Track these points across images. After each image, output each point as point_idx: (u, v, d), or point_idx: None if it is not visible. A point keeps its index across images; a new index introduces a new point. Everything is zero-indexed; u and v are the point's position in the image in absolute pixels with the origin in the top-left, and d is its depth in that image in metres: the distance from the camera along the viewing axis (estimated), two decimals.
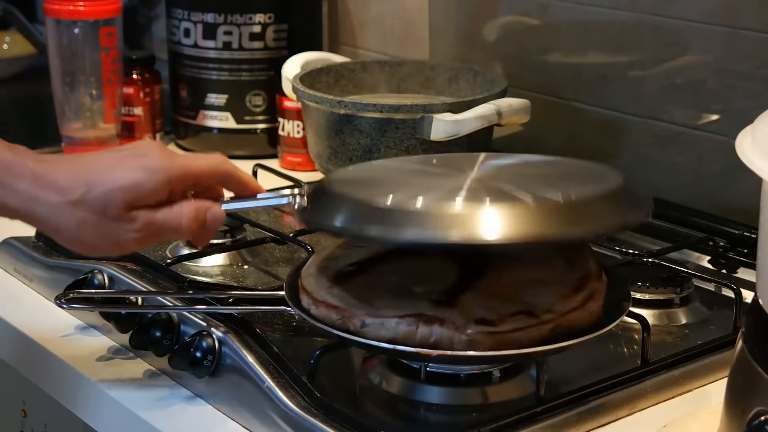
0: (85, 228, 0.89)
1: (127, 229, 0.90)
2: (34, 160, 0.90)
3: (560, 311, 0.87)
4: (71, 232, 0.90)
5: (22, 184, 0.89)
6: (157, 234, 0.92)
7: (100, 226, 0.90)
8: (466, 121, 1.22)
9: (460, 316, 0.86)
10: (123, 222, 0.90)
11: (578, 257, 0.94)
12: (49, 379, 1.06)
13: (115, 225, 0.90)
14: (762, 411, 0.76)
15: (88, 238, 0.90)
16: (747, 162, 0.74)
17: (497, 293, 0.88)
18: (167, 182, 0.91)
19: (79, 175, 0.90)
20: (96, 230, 0.90)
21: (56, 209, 0.89)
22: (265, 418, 0.89)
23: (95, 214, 0.89)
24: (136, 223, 0.90)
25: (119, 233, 0.90)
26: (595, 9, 1.36)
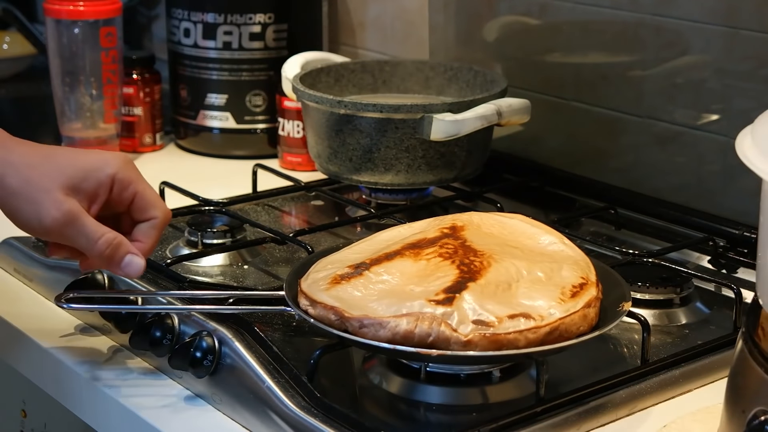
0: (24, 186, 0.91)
1: (52, 207, 0.91)
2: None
3: (557, 315, 0.87)
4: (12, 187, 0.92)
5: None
6: (73, 233, 0.93)
7: (31, 192, 0.91)
8: (466, 121, 1.22)
9: (458, 317, 0.86)
10: (54, 196, 0.91)
11: (578, 264, 0.95)
12: (49, 379, 1.06)
13: (47, 196, 0.91)
14: (762, 411, 0.76)
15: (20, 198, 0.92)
16: (747, 162, 0.74)
17: (495, 295, 0.88)
18: (111, 178, 0.94)
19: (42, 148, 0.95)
20: (27, 191, 0.91)
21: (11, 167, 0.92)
22: (265, 418, 0.89)
23: (38, 174, 0.91)
24: (63, 206, 0.91)
25: (43, 207, 0.91)
26: (595, 9, 1.36)
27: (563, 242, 0.99)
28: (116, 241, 0.94)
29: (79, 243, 0.94)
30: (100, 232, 0.93)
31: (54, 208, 0.92)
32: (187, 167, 1.57)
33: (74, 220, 0.92)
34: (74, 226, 0.92)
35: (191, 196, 1.30)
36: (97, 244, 0.93)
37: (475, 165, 1.31)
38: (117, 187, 0.95)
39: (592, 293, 0.91)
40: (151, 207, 0.97)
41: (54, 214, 0.91)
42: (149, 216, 0.97)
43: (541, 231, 1.00)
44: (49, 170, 0.93)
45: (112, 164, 0.95)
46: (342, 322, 0.88)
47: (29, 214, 0.92)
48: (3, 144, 0.94)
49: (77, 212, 0.92)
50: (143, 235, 0.97)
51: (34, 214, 0.92)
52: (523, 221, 1.02)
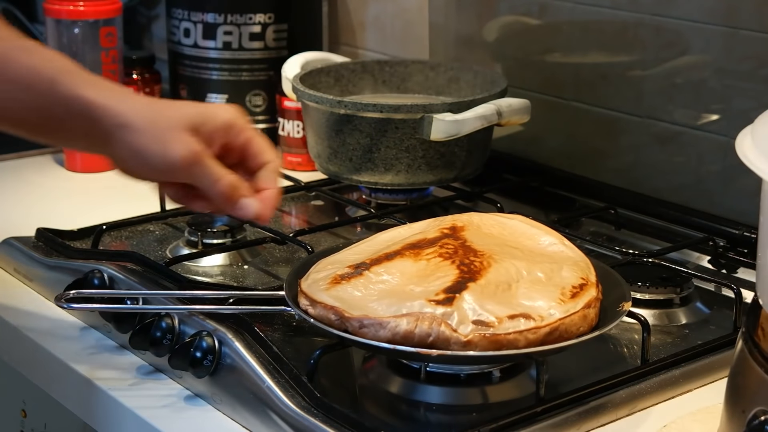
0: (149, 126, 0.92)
1: (180, 145, 0.92)
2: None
3: (557, 316, 0.87)
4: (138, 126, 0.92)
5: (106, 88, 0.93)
6: (197, 172, 0.94)
7: (158, 131, 0.92)
8: (466, 121, 1.22)
9: (458, 317, 0.86)
10: (181, 135, 0.92)
11: (578, 264, 0.95)
12: (49, 379, 1.06)
13: (174, 135, 0.92)
14: (762, 411, 0.76)
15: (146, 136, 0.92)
16: (747, 162, 0.74)
17: (495, 295, 0.88)
18: (227, 123, 0.95)
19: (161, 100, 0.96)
20: (153, 129, 0.92)
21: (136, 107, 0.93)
22: (265, 418, 0.89)
23: (162, 116, 0.93)
24: (190, 145, 0.92)
25: (171, 145, 0.92)
26: (595, 9, 1.36)
27: (563, 243, 0.99)
28: (235, 183, 0.95)
29: (202, 182, 0.95)
30: (223, 173, 0.94)
31: (182, 146, 0.92)
32: None
33: (200, 159, 0.93)
34: (199, 165, 0.93)
35: None
36: (219, 183, 0.94)
37: (475, 165, 1.31)
38: (232, 133, 0.96)
39: (592, 294, 0.91)
40: (264, 151, 0.98)
41: (182, 152, 0.92)
42: (264, 160, 0.98)
43: (541, 232, 1.00)
44: (172, 112, 0.94)
45: (228, 111, 0.97)
46: (342, 322, 0.88)
47: (155, 151, 0.92)
48: (121, 90, 0.95)
49: (202, 152, 0.93)
50: (265, 180, 0.98)
51: (160, 151, 0.92)
52: (523, 222, 1.02)
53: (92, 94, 0.92)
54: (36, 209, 1.39)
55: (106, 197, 1.43)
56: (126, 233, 1.25)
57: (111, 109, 0.92)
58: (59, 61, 0.95)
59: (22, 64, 0.93)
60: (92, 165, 1.52)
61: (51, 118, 0.94)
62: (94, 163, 1.52)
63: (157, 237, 1.24)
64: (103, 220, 1.24)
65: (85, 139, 0.95)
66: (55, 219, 1.29)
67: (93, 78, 0.95)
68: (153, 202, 1.29)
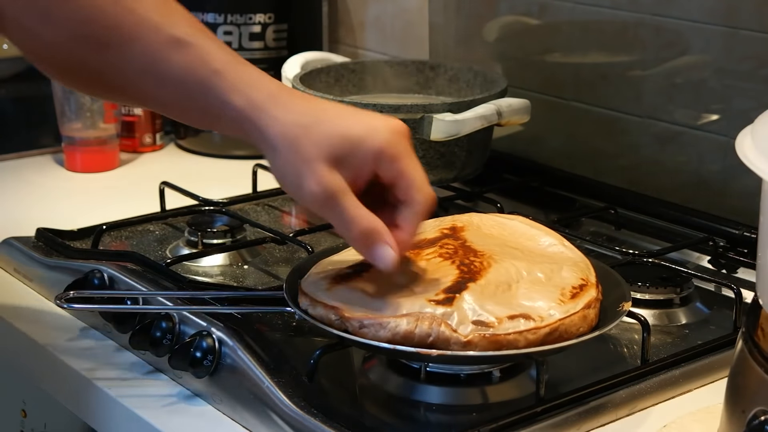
0: (289, 152, 0.85)
1: (313, 180, 0.84)
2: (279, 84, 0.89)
3: (557, 316, 0.87)
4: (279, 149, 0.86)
5: (258, 94, 0.87)
6: (329, 213, 0.86)
7: (295, 159, 0.85)
8: (466, 121, 1.22)
9: (458, 317, 0.86)
10: (317, 168, 0.84)
11: (577, 265, 0.95)
12: (49, 379, 1.06)
13: (309, 167, 0.85)
14: (762, 411, 0.76)
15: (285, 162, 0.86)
16: (747, 162, 0.74)
17: (495, 295, 0.88)
18: (378, 152, 0.86)
19: (315, 107, 0.88)
20: (291, 157, 0.85)
21: (280, 125, 0.86)
22: (265, 418, 0.89)
23: (306, 140, 0.85)
24: (324, 181, 0.84)
25: (305, 178, 0.85)
26: (595, 9, 1.36)
27: (563, 244, 0.99)
28: (371, 228, 0.86)
29: (334, 223, 0.87)
30: (358, 217, 0.85)
31: (315, 181, 0.84)
32: (187, 167, 1.57)
33: (333, 198, 0.85)
34: (332, 205, 0.85)
35: (191, 196, 1.30)
36: (352, 231, 0.86)
37: (475, 165, 1.31)
38: (383, 163, 0.86)
39: (592, 294, 0.91)
40: (413, 189, 0.87)
41: (314, 189, 0.84)
42: (410, 198, 0.88)
43: (541, 232, 1.00)
44: (316, 136, 0.85)
45: (380, 135, 0.86)
46: (342, 322, 0.88)
47: (291, 182, 0.86)
48: (273, 95, 0.88)
49: (338, 190, 0.85)
50: (404, 220, 0.88)
51: (295, 182, 0.86)
52: (523, 222, 1.02)
53: (242, 102, 0.87)
54: (36, 209, 1.39)
55: (106, 197, 1.43)
56: (126, 233, 1.25)
57: (258, 127, 0.86)
58: (215, 60, 0.88)
59: (173, 63, 0.88)
60: (92, 165, 1.52)
61: (207, 117, 0.90)
62: (94, 163, 1.52)
63: (157, 237, 1.24)
64: (103, 220, 1.24)
65: (242, 139, 0.89)
66: (55, 219, 1.29)
67: (247, 78, 0.88)
68: (153, 202, 1.29)
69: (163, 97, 0.91)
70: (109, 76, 0.91)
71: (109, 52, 0.90)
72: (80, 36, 0.90)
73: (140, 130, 1.61)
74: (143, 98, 0.94)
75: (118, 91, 0.94)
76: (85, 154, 1.52)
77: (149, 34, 0.89)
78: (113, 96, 1.01)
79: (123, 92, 0.93)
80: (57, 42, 0.91)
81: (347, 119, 0.87)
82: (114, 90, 0.94)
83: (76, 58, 0.91)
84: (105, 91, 0.97)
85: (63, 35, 0.91)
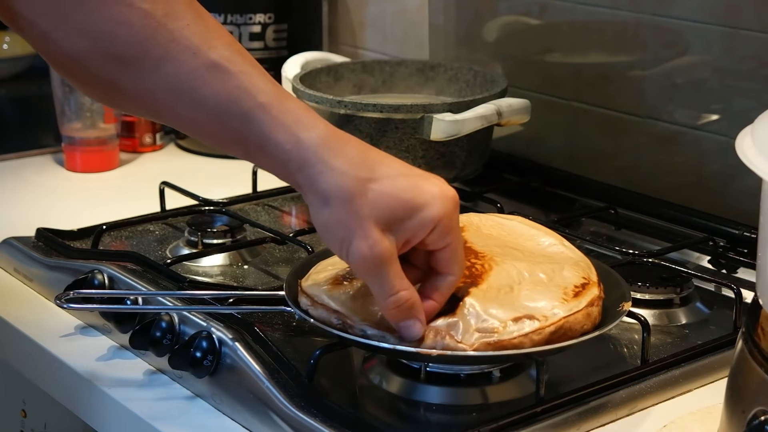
0: (342, 207, 0.80)
1: (364, 242, 0.80)
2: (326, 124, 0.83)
3: (561, 315, 0.87)
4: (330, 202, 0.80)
5: (308, 134, 0.81)
6: (371, 277, 0.82)
7: (346, 215, 0.80)
8: (466, 121, 1.22)
9: (462, 326, 0.86)
10: (370, 230, 0.80)
11: (578, 265, 0.94)
12: (49, 379, 1.06)
13: (361, 226, 0.80)
14: (762, 411, 0.76)
15: (335, 217, 0.81)
16: (747, 162, 0.74)
17: (498, 298, 0.88)
18: (434, 224, 0.81)
19: (370, 159, 0.81)
20: (343, 212, 0.80)
21: (334, 176, 0.80)
22: (265, 418, 0.89)
23: (361, 197, 0.80)
24: (377, 247, 0.80)
25: (355, 237, 0.80)
26: (595, 9, 1.36)
27: (563, 244, 0.99)
28: (408, 304, 0.83)
29: (373, 286, 0.83)
30: (397, 289, 0.82)
31: (367, 245, 0.80)
32: (187, 167, 1.57)
33: (382, 265, 0.81)
34: (378, 271, 0.81)
35: (191, 196, 1.30)
36: (389, 300, 0.82)
37: (475, 165, 1.31)
38: (433, 235, 0.82)
39: (594, 293, 0.91)
40: (455, 263, 0.84)
41: (365, 252, 0.80)
42: (449, 271, 0.85)
43: (541, 232, 1.00)
44: (373, 195, 0.80)
45: (439, 205, 0.81)
46: (344, 326, 0.88)
47: (336, 237, 0.81)
48: (325, 139, 0.81)
49: (388, 258, 0.81)
50: (437, 293, 0.85)
51: (342, 239, 0.81)
52: (522, 222, 1.02)
53: (289, 142, 0.81)
54: (36, 209, 1.39)
55: (106, 197, 1.43)
56: (126, 233, 1.25)
57: (307, 174, 0.80)
58: (259, 92, 0.81)
59: (211, 90, 0.81)
60: (92, 165, 1.52)
61: (244, 149, 0.84)
62: (94, 163, 1.52)
63: (157, 237, 1.24)
64: (103, 220, 1.24)
65: (279, 177, 0.84)
66: (55, 219, 1.29)
67: (294, 116, 0.81)
68: (153, 202, 1.29)
69: (196, 124, 0.84)
70: (136, 93, 0.84)
71: (134, 70, 0.82)
72: (103, 50, 0.82)
73: (140, 130, 1.61)
74: (170, 120, 0.87)
75: (138, 108, 0.88)
76: (85, 154, 1.52)
77: (184, 56, 0.81)
78: (142, 113, 0.92)
79: (145, 110, 0.87)
80: (76, 52, 0.83)
81: (405, 179, 0.82)
82: (132, 106, 0.87)
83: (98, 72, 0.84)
84: (134, 108, 0.88)
85: (82, 46, 0.82)
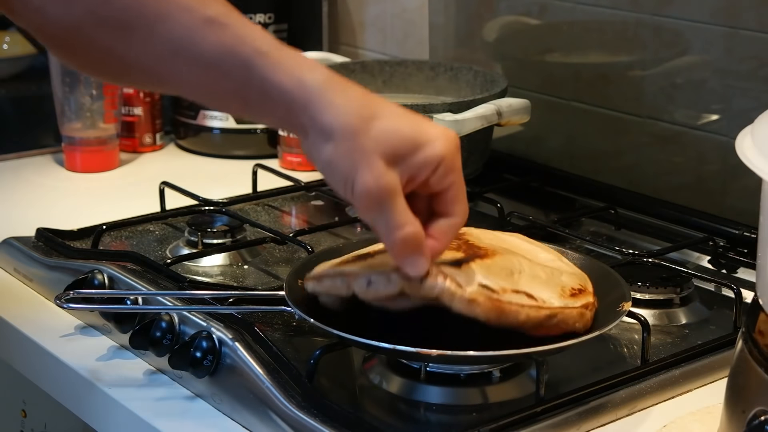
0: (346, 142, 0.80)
1: (369, 174, 0.79)
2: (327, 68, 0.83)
3: (557, 304, 0.88)
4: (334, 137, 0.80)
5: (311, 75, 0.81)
6: (377, 212, 0.81)
7: (352, 148, 0.79)
8: (466, 121, 1.22)
9: (465, 277, 0.86)
10: (375, 162, 0.79)
11: (576, 276, 0.95)
12: (49, 379, 1.06)
13: (367, 159, 0.79)
14: (762, 411, 0.76)
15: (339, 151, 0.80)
16: (747, 162, 0.74)
17: (500, 276, 0.88)
18: (438, 161, 0.81)
19: (372, 100, 0.82)
20: (347, 147, 0.79)
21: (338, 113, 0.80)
22: (265, 418, 0.89)
23: (367, 132, 0.79)
24: (382, 178, 0.79)
25: (360, 170, 0.79)
26: (595, 9, 1.36)
27: (561, 260, 0.99)
28: (414, 238, 0.82)
29: (379, 223, 0.82)
30: (406, 222, 0.81)
31: (372, 176, 0.79)
32: (187, 167, 1.57)
33: (388, 197, 0.80)
34: (384, 204, 0.80)
35: (191, 196, 1.30)
36: (395, 235, 0.81)
37: (475, 165, 1.31)
38: (438, 172, 0.82)
39: (590, 299, 0.91)
40: (457, 202, 0.84)
41: (370, 184, 0.79)
42: (451, 211, 0.85)
43: (540, 249, 1.00)
44: (377, 131, 0.80)
45: (442, 144, 0.82)
46: (349, 285, 0.88)
47: (342, 170, 0.80)
48: (328, 79, 0.81)
49: (393, 191, 0.80)
50: (440, 231, 0.84)
51: (347, 173, 0.80)
52: (522, 239, 1.02)
53: (292, 83, 0.80)
54: (36, 209, 1.39)
55: (106, 197, 1.43)
56: (126, 233, 1.25)
57: (310, 112, 0.81)
58: (256, 40, 0.82)
59: (208, 43, 0.82)
60: (92, 165, 1.52)
61: (243, 101, 0.84)
62: (94, 163, 1.52)
63: (157, 237, 1.24)
64: (103, 220, 1.24)
65: (279, 123, 0.84)
66: (55, 219, 1.29)
67: (294, 60, 0.82)
68: (153, 202, 1.29)
69: (193, 81, 0.84)
70: (129, 59, 0.84)
71: (130, 34, 0.82)
72: (98, 15, 0.82)
73: (140, 130, 1.61)
74: (167, 82, 0.87)
75: (137, 75, 0.87)
76: (85, 154, 1.52)
77: (178, 14, 0.82)
78: (140, 81, 0.92)
79: (143, 75, 0.87)
80: (72, 22, 0.83)
81: (408, 120, 0.82)
82: (130, 74, 0.87)
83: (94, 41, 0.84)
84: (132, 76, 0.88)
85: (77, 14, 0.83)
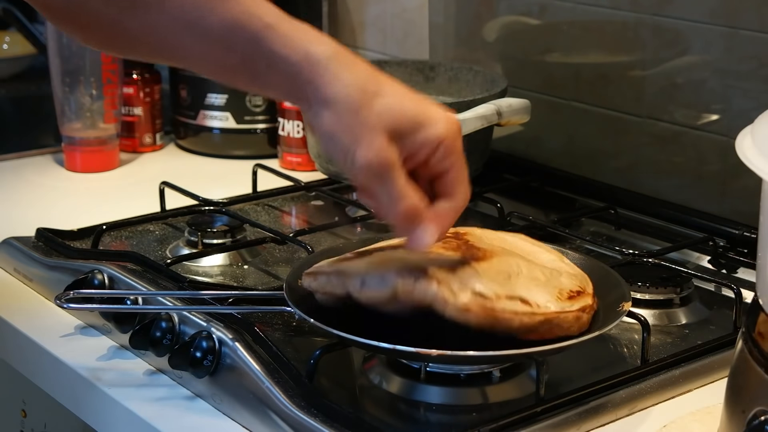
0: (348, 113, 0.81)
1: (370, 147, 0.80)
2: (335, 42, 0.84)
3: (552, 309, 0.88)
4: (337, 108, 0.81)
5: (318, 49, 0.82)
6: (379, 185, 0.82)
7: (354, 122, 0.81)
8: (466, 121, 1.22)
9: (459, 283, 0.86)
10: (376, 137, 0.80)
11: (576, 277, 0.95)
12: (49, 379, 1.06)
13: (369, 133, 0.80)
14: (762, 411, 0.76)
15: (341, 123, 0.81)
16: (747, 162, 0.74)
17: (495, 280, 0.88)
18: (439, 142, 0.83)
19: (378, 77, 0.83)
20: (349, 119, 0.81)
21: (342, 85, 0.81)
22: (265, 418, 0.89)
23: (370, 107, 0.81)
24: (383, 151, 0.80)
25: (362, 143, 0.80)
26: (595, 9, 1.36)
27: (563, 260, 0.99)
28: (419, 209, 0.83)
29: (379, 197, 0.82)
30: (408, 194, 0.82)
31: (373, 149, 0.80)
32: (187, 167, 1.57)
33: (388, 170, 0.81)
34: (384, 177, 0.81)
35: (191, 196, 1.30)
36: (398, 206, 0.82)
37: (475, 165, 1.31)
38: (438, 153, 0.83)
39: (588, 301, 0.91)
40: (458, 183, 0.85)
41: (370, 156, 0.80)
42: (452, 193, 0.85)
43: (542, 250, 1.00)
44: (380, 106, 0.81)
45: (443, 125, 0.83)
46: (344, 283, 0.88)
47: (343, 142, 0.81)
48: (334, 53, 0.82)
49: (392, 164, 0.81)
50: (441, 217, 0.85)
51: (348, 145, 0.81)
52: (525, 239, 1.02)
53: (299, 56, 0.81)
54: (36, 209, 1.39)
55: (106, 197, 1.43)
56: (126, 233, 1.25)
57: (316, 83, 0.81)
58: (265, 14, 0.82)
59: (217, 17, 0.82)
60: (92, 165, 1.52)
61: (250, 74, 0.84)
62: (94, 163, 1.52)
63: (157, 237, 1.24)
64: (103, 220, 1.24)
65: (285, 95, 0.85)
66: (55, 219, 1.29)
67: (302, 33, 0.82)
68: (153, 202, 1.29)
69: (202, 54, 0.85)
70: (136, 32, 0.85)
71: (139, 7, 0.83)
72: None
73: (140, 130, 1.61)
74: (173, 55, 0.88)
75: (143, 48, 0.88)
76: (85, 154, 1.52)
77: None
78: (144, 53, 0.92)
79: (150, 49, 0.87)
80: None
81: (412, 99, 0.84)
82: (137, 47, 0.88)
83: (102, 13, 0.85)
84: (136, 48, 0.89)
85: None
